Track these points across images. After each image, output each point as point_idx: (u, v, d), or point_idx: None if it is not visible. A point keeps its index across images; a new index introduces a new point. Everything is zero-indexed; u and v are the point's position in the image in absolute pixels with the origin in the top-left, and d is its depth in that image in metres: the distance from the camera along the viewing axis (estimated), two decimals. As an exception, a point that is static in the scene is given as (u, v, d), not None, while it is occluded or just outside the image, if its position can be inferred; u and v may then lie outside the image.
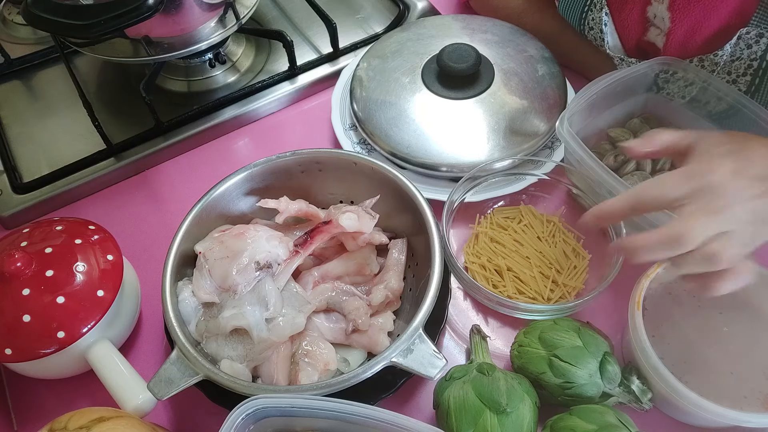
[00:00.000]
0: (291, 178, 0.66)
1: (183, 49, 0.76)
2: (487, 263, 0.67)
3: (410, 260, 0.64)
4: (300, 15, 0.94)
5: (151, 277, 0.69)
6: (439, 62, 0.74)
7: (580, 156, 0.64)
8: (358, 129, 0.75)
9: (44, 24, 0.64)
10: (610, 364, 0.55)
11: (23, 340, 0.55)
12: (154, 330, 0.66)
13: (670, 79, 0.71)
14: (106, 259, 0.59)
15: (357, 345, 0.60)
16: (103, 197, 0.77)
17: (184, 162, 0.80)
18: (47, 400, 0.62)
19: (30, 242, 0.58)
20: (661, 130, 0.57)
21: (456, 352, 0.64)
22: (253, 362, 0.55)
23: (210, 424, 0.59)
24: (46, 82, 0.88)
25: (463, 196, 0.69)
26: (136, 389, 0.55)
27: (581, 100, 0.68)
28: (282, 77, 0.85)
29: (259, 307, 0.56)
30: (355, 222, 0.60)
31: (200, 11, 0.74)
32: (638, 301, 0.56)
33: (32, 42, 0.92)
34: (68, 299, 0.56)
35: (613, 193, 0.62)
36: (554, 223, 0.70)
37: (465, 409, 0.52)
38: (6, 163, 0.77)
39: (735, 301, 0.58)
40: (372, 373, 0.52)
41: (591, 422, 0.51)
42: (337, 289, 0.61)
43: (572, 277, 0.66)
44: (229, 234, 0.60)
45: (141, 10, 0.63)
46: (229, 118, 0.82)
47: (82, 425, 0.48)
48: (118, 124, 0.80)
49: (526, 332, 0.59)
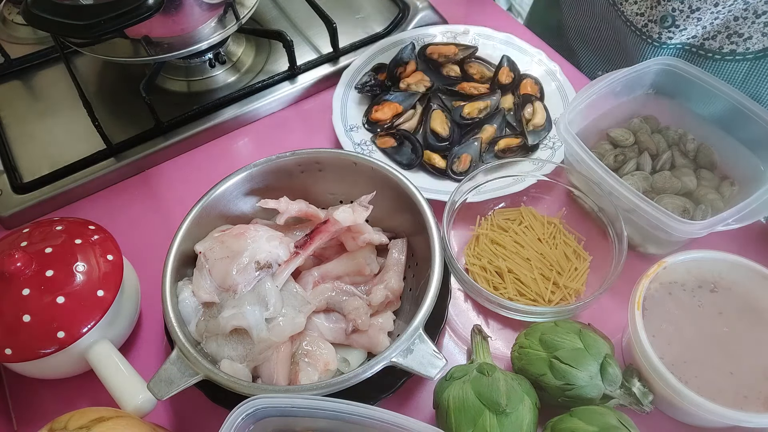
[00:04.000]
0: (291, 178, 0.66)
1: (183, 49, 0.76)
2: (488, 265, 0.67)
3: (410, 260, 0.64)
4: (300, 15, 0.94)
5: (151, 277, 0.68)
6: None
7: (580, 156, 0.64)
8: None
9: (44, 24, 0.64)
10: (611, 366, 0.54)
11: (23, 340, 0.54)
12: (154, 330, 0.66)
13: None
14: (106, 259, 0.59)
15: (357, 345, 0.60)
16: (103, 197, 0.77)
17: (184, 162, 0.80)
18: (47, 400, 0.62)
19: (30, 242, 0.58)
20: None
21: (456, 352, 0.64)
22: (253, 362, 0.55)
23: (210, 424, 0.58)
24: (46, 82, 0.88)
25: (464, 196, 0.69)
26: (136, 389, 0.55)
27: (581, 100, 0.68)
28: (282, 77, 0.85)
29: (259, 307, 0.56)
30: (350, 215, 0.60)
31: (200, 11, 0.74)
32: (638, 301, 0.56)
33: (32, 42, 0.92)
34: (68, 299, 0.56)
35: (614, 193, 0.62)
36: (555, 225, 0.70)
37: (464, 409, 0.52)
38: (6, 163, 0.77)
39: (735, 301, 0.58)
40: (372, 373, 0.52)
41: (591, 423, 0.51)
42: (337, 289, 0.61)
43: (573, 279, 0.66)
44: (230, 234, 0.60)
45: (141, 10, 0.63)
46: (229, 118, 0.82)
47: (82, 425, 0.48)
48: (118, 124, 0.80)
49: (527, 334, 0.59)
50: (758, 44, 0.68)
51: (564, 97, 0.80)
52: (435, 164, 0.75)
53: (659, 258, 0.59)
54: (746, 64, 0.70)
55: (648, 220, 0.61)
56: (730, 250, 0.59)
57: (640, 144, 0.72)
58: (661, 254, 0.66)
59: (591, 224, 0.70)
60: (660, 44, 0.73)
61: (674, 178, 0.68)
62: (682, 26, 0.70)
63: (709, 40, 0.71)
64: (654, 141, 0.71)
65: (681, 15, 0.69)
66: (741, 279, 0.59)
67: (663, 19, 0.70)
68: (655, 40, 0.73)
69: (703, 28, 0.70)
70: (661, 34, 0.72)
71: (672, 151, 0.71)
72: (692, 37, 0.71)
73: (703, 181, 0.69)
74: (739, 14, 0.68)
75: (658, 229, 0.61)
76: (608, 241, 0.66)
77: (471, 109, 0.78)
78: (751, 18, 0.68)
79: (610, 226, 0.66)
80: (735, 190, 0.68)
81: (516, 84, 0.82)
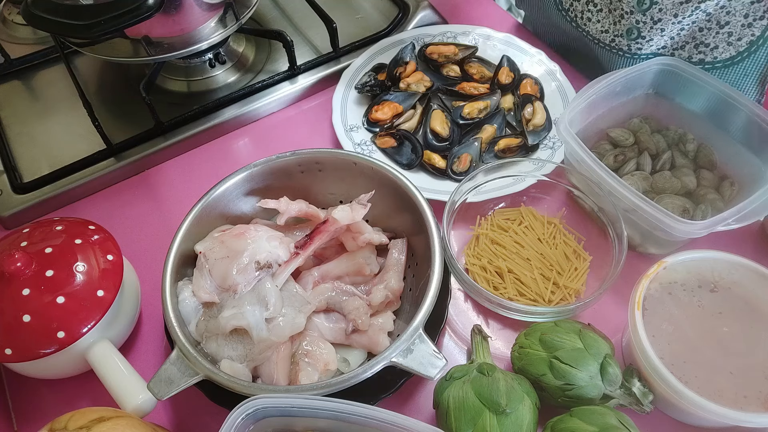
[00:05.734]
0: (291, 178, 0.66)
1: (183, 49, 0.76)
2: (488, 265, 0.67)
3: (410, 260, 0.64)
4: (300, 15, 0.94)
5: (151, 277, 0.69)
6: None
7: (580, 156, 0.64)
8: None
9: (44, 24, 0.64)
10: (611, 366, 0.54)
11: (23, 340, 0.54)
12: (154, 330, 0.66)
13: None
14: (106, 259, 0.59)
15: (357, 345, 0.60)
16: (103, 197, 0.77)
17: (184, 162, 0.80)
18: (47, 400, 0.62)
19: (30, 242, 0.58)
20: None
21: (456, 352, 0.64)
22: (253, 362, 0.55)
23: (210, 424, 0.59)
24: (46, 82, 0.88)
25: (464, 196, 0.69)
26: (136, 389, 0.55)
27: (581, 100, 0.68)
28: (282, 77, 0.85)
29: (259, 307, 0.56)
30: (348, 213, 0.60)
31: (200, 11, 0.74)
32: (638, 301, 0.56)
33: (32, 42, 0.92)
34: (68, 299, 0.56)
35: (614, 193, 0.62)
36: (555, 225, 0.70)
37: (464, 409, 0.52)
38: (6, 163, 0.77)
39: (735, 301, 0.58)
40: (372, 373, 0.52)
41: (591, 423, 0.51)
42: (337, 289, 0.61)
43: (573, 279, 0.66)
44: (230, 234, 0.60)
45: (141, 10, 0.63)
46: (229, 118, 0.82)
47: (82, 425, 0.48)
48: (118, 124, 0.80)
49: (527, 334, 0.59)
50: (725, 53, 0.70)
51: (564, 97, 0.80)
52: (435, 164, 0.75)
53: (659, 258, 0.59)
54: (715, 72, 0.72)
55: (648, 220, 0.61)
56: (730, 250, 0.59)
57: (640, 144, 0.72)
58: (661, 254, 0.66)
59: (591, 224, 0.70)
60: (632, 55, 0.75)
61: (674, 178, 0.68)
62: (648, 37, 0.72)
63: (679, 50, 0.73)
64: (654, 141, 0.71)
65: (645, 26, 0.71)
66: (741, 279, 0.59)
67: (629, 32, 0.72)
68: (626, 53, 0.75)
69: (671, 39, 0.72)
70: (631, 46, 0.74)
71: (672, 151, 0.71)
72: (662, 47, 0.74)
73: (703, 181, 0.69)
74: (703, 25, 0.70)
75: (658, 229, 0.61)
76: (608, 241, 0.66)
77: (471, 109, 0.78)
78: (715, 28, 0.70)
79: (610, 226, 0.66)
80: (735, 190, 0.68)
81: (516, 84, 0.82)
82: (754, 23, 0.67)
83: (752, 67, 0.70)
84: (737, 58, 0.70)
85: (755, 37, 0.68)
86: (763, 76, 0.71)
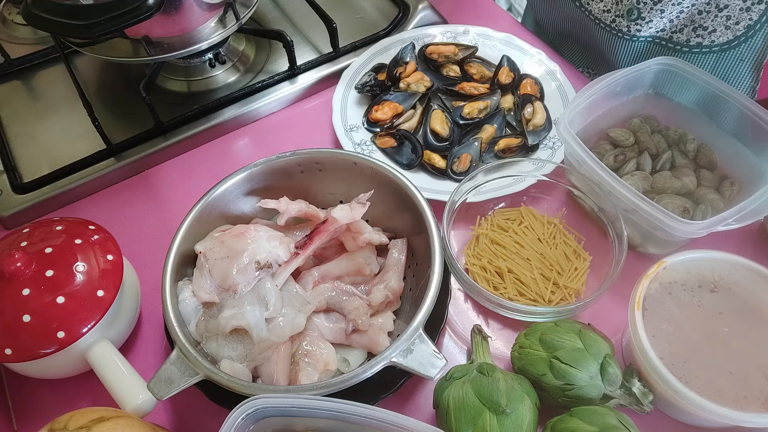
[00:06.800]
0: (291, 178, 0.66)
1: (183, 49, 0.76)
2: (488, 265, 0.67)
3: (410, 260, 0.64)
4: (300, 15, 0.94)
5: (151, 277, 0.69)
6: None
7: (580, 156, 0.64)
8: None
9: (44, 24, 0.64)
10: (611, 366, 0.54)
11: (23, 340, 0.54)
12: (154, 330, 0.66)
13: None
14: (106, 259, 0.59)
15: (357, 345, 0.60)
16: (103, 197, 0.77)
17: (184, 162, 0.80)
18: (47, 400, 0.62)
19: (30, 242, 0.58)
20: None
21: (456, 352, 0.64)
22: (253, 362, 0.55)
23: (210, 424, 0.59)
24: (46, 82, 0.88)
25: (464, 196, 0.69)
26: (136, 389, 0.54)
27: (581, 100, 0.68)
28: (282, 77, 0.85)
29: (259, 307, 0.56)
30: (347, 212, 0.60)
31: (200, 11, 0.74)
32: (638, 301, 0.56)
33: (32, 42, 0.92)
34: (68, 299, 0.56)
35: (614, 193, 0.62)
36: (555, 225, 0.70)
37: (464, 409, 0.52)
38: (6, 163, 0.77)
39: (735, 301, 0.58)
40: (372, 373, 0.52)
41: (591, 423, 0.51)
42: (337, 289, 0.61)
43: (573, 279, 0.66)
44: (230, 234, 0.60)
45: (141, 10, 0.63)
46: (229, 118, 0.82)
47: (82, 425, 0.48)
48: (118, 124, 0.80)
49: (527, 334, 0.59)
50: (722, 37, 0.71)
51: (564, 97, 0.80)
52: (435, 164, 0.75)
53: (659, 258, 0.59)
54: (712, 56, 0.73)
55: (648, 220, 0.61)
56: (730, 250, 0.59)
57: (640, 144, 0.72)
58: (661, 254, 0.66)
59: (591, 224, 0.70)
60: (630, 37, 0.75)
61: (674, 178, 0.68)
62: (647, 18, 0.73)
63: (677, 33, 0.74)
64: (654, 141, 0.71)
65: (645, 7, 0.72)
66: (741, 279, 0.59)
67: (629, 12, 0.73)
68: (625, 34, 0.76)
69: (670, 21, 0.73)
70: (630, 28, 0.75)
71: (672, 151, 0.71)
72: (660, 30, 0.74)
73: (703, 181, 0.69)
74: (702, 8, 0.71)
75: (658, 229, 0.61)
76: (608, 241, 0.66)
77: (471, 109, 0.78)
78: (714, 12, 0.70)
79: (610, 226, 0.66)
80: (735, 190, 0.68)
81: (516, 84, 0.82)
82: (752, 7, 0.68)
83: (748, 52, 0.71)
84: (734, 43, 0.71)
85: (753, 21, 0.68)
86: (758, 62, 0.71)
